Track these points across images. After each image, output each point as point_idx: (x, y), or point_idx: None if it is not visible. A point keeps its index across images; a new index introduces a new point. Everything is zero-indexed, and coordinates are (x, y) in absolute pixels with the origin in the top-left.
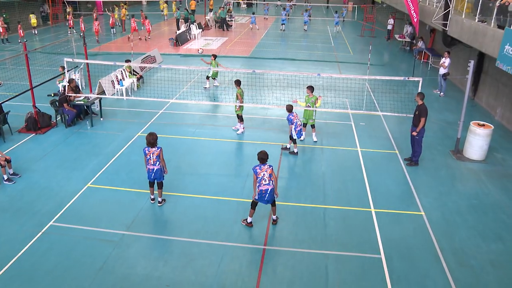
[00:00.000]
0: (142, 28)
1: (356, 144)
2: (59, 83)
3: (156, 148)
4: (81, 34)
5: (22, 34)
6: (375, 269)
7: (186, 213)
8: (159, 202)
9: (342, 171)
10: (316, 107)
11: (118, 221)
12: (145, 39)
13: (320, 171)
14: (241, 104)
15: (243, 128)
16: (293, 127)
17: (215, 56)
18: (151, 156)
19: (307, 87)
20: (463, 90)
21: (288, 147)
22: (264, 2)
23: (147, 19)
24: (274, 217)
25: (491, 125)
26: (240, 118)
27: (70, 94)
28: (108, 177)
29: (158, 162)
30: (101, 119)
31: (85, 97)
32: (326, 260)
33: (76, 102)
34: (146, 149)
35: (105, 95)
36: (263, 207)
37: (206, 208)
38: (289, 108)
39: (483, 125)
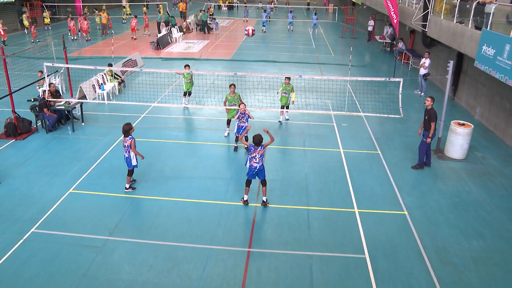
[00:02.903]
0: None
1: (338, 145)
2: (39, 88)
3: (128, 138)
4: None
5: (35, 35)
6: (360, 269)
7: (170, 217)
8: (126, 189)
9: (325, 172)
10: (291, 97)
11: (101, 227)
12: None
13: (302, 173)
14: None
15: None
16: (238, 123)
17: (189, 66)
18: (125, 144)
19: (285, 77)
20: (443, 90)
21: (245, 146)
22: (244, 5)
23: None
24: (264, 198)
25: (471, 124)
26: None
27: (50, 99)
28: (91, 182)
29: (128, 151)
30: (83, 124)
31: (66, 101)
32: (310, 261)
33: (57, 107)
34: (122, 137)
35: (86, 99)
36: (248, 211)
37: (190, 211)
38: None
39: (463, 124)
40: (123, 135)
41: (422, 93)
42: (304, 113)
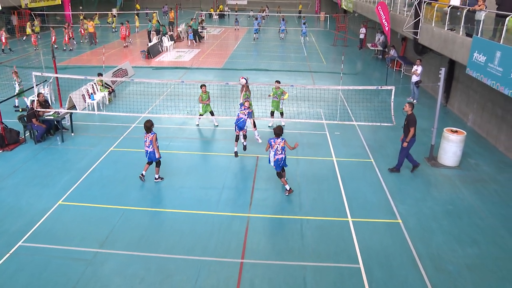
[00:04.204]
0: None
1: (331, 153)
2: (18, 98)
3: (150, 134)
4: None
5: (36, 43)
6: (354, 279)
7: (162, 228)
8: (155, 179)
9: (318, 181)
10: (283, 98)
11: (91, 239)
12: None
13: (295, 182)
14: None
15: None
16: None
17: (205, 86)
18: (146, 139)
19: (275, 81)
20: (435, 97)
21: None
22: (236, 14)
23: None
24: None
25: (464, 131)
26: (253, 124)
27: (39, 109)
28: (80, 193)
29: (151, 145)
30: (72, 134)
31: (55, 112)
32: (304, 272)
33: (46, 117)
34: (144, 133)
35: (76, 109)
36: (241, 221)
37: (182, 222)
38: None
39: (456, 131)
40: (145, 132)
41: (415, 101)
42: (297, 122)
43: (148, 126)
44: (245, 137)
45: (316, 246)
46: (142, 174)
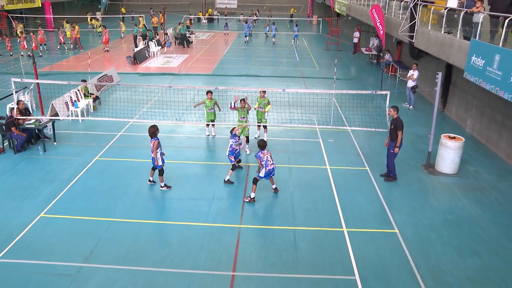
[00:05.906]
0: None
1: (325, 161)
2: None
3: (152, 140)
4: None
5: (10, 48)
6: None
7: (150, 241)
8: (161, 187)
9: (312, 190)
10: (265, 111)
11: (75, 253)
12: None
13: (288, 191)
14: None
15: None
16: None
17: (211, 93)
18: (150, 145)
19: (260, 91)
20: (432, 103)
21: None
22: (225, 18)
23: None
24: (274, 186)
25: (462, 138)
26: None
27: (18, 117)
28: (64, 205)
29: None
30: (55, 143)
31: (36, 120)
32: (299, 284)
33: (26, 126)
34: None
35: (59, 117)
36: (232, 233)
37: (171, 234)
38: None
39: (454, 137)
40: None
41: (411, 106)
42: (289, 128)
43: (152, 131)
44: (239, 163)
45: (310, 258)
46: (149, 180)
